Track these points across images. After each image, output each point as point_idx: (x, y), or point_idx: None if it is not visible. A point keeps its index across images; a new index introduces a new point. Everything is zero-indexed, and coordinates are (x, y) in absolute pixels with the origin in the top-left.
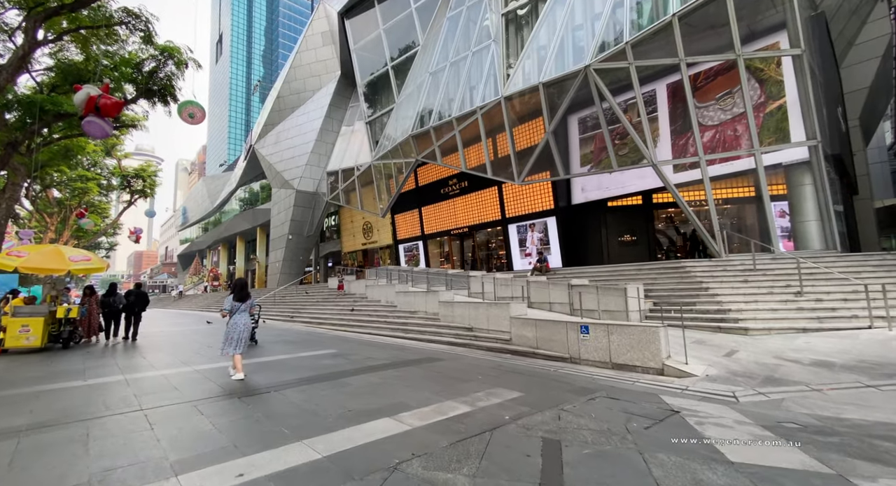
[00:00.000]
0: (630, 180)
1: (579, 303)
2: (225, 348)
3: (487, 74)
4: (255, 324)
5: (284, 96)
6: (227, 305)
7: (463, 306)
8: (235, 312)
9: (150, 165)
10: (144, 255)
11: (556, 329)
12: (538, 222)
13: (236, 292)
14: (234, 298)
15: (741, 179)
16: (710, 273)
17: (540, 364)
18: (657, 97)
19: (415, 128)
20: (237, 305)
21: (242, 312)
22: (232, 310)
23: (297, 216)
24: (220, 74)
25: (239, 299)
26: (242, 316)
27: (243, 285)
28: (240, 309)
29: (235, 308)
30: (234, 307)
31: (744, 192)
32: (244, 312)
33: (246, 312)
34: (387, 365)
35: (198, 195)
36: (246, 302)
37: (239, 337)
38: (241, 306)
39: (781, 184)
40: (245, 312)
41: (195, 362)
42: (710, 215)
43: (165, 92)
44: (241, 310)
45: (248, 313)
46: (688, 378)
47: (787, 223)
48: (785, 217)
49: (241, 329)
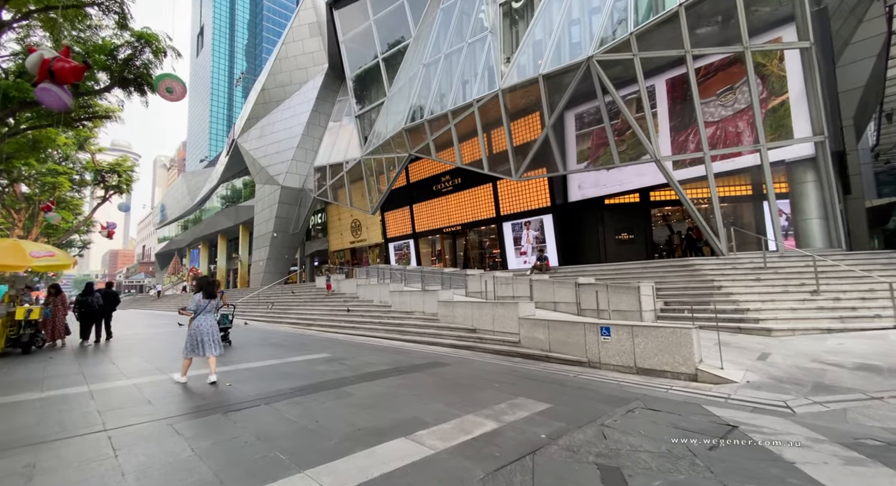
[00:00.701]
0: (629, 178)
1: (595, 302)
2: (191, 350)
3: (484, 67)
4: (229, 325)
5: (269, 89)
6: (193, 304)
7: (465, 305)
8: (201, 312)
9: (127, 159)
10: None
11: (572, 331)
12: (534, 220)
13: (204, 290)
14: (203, 296)
15: (738, 178)
16: (721, 271)
17: (556, 369)
18: (656, 93)
19: (408, 121)
20: (203, 304)
21: (209, 312)
22: (198, 310)
23: (282, 213)
24: (201, 68)
25: (207, 297)
26: (209, 317)
27: (211, 282)
28: (205, 309)
29: (201, 308)
30: (201, 307)
31: (741, 190)
32: (210, 312)
33: (212, 312)
34: (389, 371)
35: (177, 192)
36: (212, 302)
37: (208, 339)
38: (207, 306)
39: (781, 182)
40: (211, 312)
41: (173, 368)
42: (714, 212)
43: (142, 81)
44: (208, 310)
45: (215, 312)
46: (726, 385)
47: (783, 222)
48: (782, 216)
49: (208, 330)
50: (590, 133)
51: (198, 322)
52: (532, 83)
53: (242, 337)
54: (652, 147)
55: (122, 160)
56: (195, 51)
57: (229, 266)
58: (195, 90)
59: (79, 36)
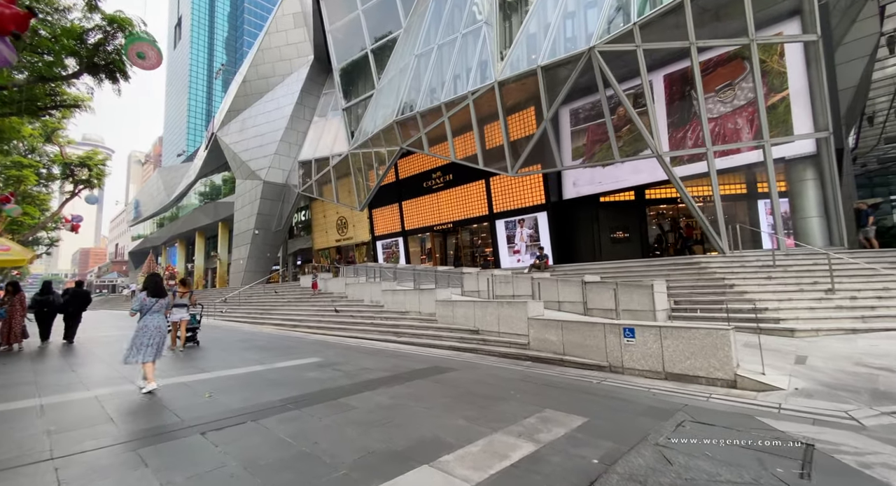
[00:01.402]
0: (625, 175)
1: (603, 301)
2: (131, 354)
3: (479, 58)
4: (197, 325)
5: (251, 81)
6: (137, 303)
7: (466, 305)
8: (147, 312)
9: (98, 153)
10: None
11: (590, 333)
12: (528, 218)
13: (150, 289)
14: (148, 294)
15: (731, 176)
16: (730, 269)
17: (574, 374)
18: (653, 90)
19: (399, 113)
20: (149, 303)
21: (156, 313)
22: (142, 310)
23: (264, 210)
24: (179, 60)
25: (153, 296)
26: (155, 317)
27: (158, 280)
28: (152, 309)
29: (146, 308)
30: (145, 307)
31: (734, 188)
32: (158, 313)
33: (160, 313)
34: (390, 378)
35: (153, 188)
36: (160, 301)
37: (150, 342)
38: (153, 306)
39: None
40: (159, 313)
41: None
42: (716, 209)
43: (114, 67)
44: (155, 310)
45: (164, 314)
46: (773, 393)
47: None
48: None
49: (153, 333)
50: (585, 129)
51: (144, 323)
52: (529, 75)
53: (222, 339)
54: (654, 142)
55: (93, 154)
56: (172, 43)
57: (207, 265)
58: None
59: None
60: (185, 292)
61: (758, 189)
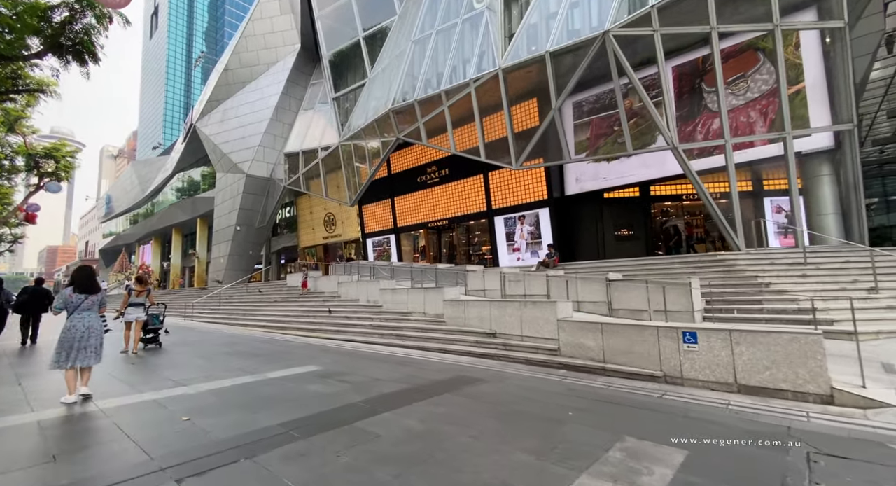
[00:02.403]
0: (631, 170)
1: (632, 301)
2: (60, 360)
3: (482, 43)
4: (159, 326)
5: (233, 69)
6: (60, 301)
7: (480, 306)
8: (74, 310)
9: (66, 144)
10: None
11: (638, 337)
12: (529, 214)
13: (77, 284)
14: (74, 289)
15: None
16: (759, 267)
17: (626, 387)
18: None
19: (395, 101)
20: (76, 300)
21: (87, 310)
22: (67, 307)
23: (246, 205)
24: (156, 51)
25: (82, 291)
26: (87, 317)
27: (89, 274)
28: (80, 306)
29: (73, 305)
30: (71, 304)
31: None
32: (90, 310)
33: (93, 311)
34: (411, 392)
35: (126, 182)
36: (91, 297)
37: (82, 345)
38: (82, 303)
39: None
40: (91, 310)
41: (105, 394)
42: (733, 205)
43: (82, 48)
44: (85, 308)
45: (99, 312)
46: (885, 411)
47: (783, 219)
48: (781, 212)
49: (84, 334)
50: (589, 123)
51: (71, 323)
52: (536, 62)
53: (202, 343)
54: (670, 133)
55: (61, 145)
56: (149, 32)
57: (185, 263)
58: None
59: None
60: (142, 291)
61: (764, 186)
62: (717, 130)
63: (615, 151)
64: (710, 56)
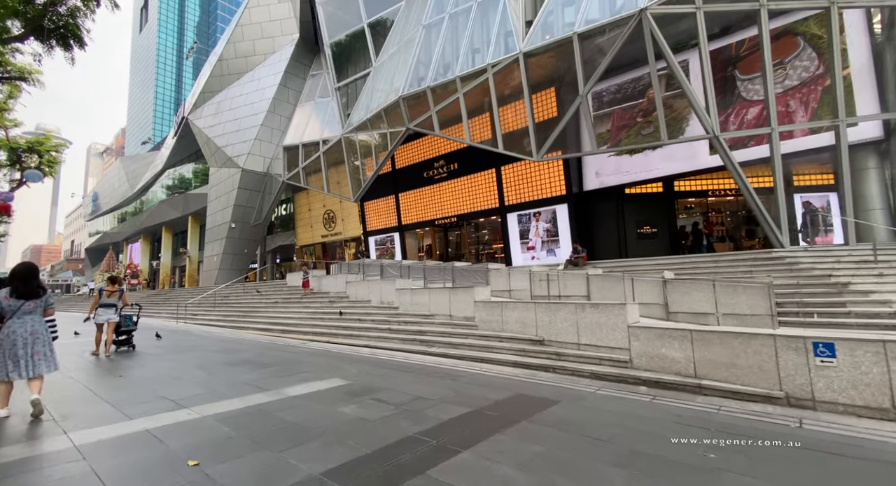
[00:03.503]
0: (655, 163)
1: (693, 304)
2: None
3: (500, 27)
4: (133, 327)
5: (228, 60)
6: None
7: (524, 308)
8: (14, 315)
9: (50, 138)
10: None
11: (744, 348)
12: (545, 211)
13: (13, 287)
14: (11, 293)
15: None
16: (828, 265)
17: (737, 410)
18: (690, 69)
19: (406, 89)
20: (12, 306)
21: (29, 314)
22: (3, 313)
23: (242, 201)
24: (145, 45)
25: (19, 296)
26: (29, 321)
27: (28, 273)
28: (20, 310)
29: (10, 311)
30: (9, 309)
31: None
32: (32, 314)
33: (36, 313)
34: (473, 418)
35: (114, 179)
36: (34, 300)
37: (26, 353)
38: (20, 308)
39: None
40: (34, 313)
41: (82, 419)
42: (778, 200)
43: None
44: (27, 311)
45: (43, 316)
46: None
47: None
48: (814, 208)
49: (26, 341)
50: (610, 114)
51: (10, 329)
52: (562, 45)
53: (198, 349)
54: (711, 121)
55: (45, 139)
56: (138, 26)
57: (175, 263)
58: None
59: None
60: (114, 291)
61: (794, 182)
62: (753, 120)
63: (640, 142)
64: (743, 42)
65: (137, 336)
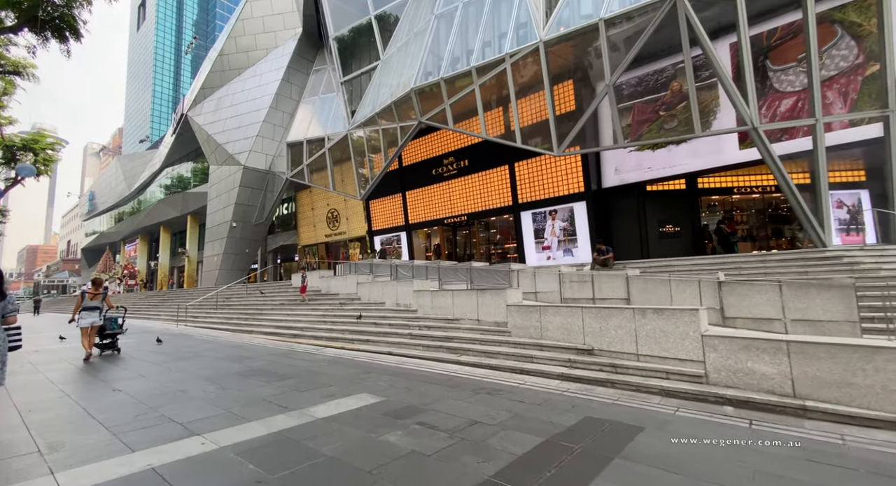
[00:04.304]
0: (679, 159)
1: (754, 309)
2: None
3: (518, 15)
4: (118, 330)
5: (229, 55)
6: None
7: (568, 314)
8: None
9: (46, 135)
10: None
11: (866, 364)
12: (562, 209)
13: None
14: None
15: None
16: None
17: (865, 440)
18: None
19: (418, 81)
20: None
21: None
22: None
23: (243, 199)
24: (143, 43)
25: None
26: None
27: None
28: None
29: None
30: None
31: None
32: None
33: None
34: (553, 453)
35: (110, 178)
36: None
37: None
38: None
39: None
40: None
41: (71, 450)
42: (821, 197)
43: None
44: None
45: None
46: None
47: (844, 215)
48: (843, 207)
49: None
50: (630, 108)
51: None
52: (586, 32)
53: (202, 356)
54: (750, 112)
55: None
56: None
57: (173, 263)
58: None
59: None
60: (97, 294)
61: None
62: (786, 113)
63: (663, 136)
64: (775, 30)
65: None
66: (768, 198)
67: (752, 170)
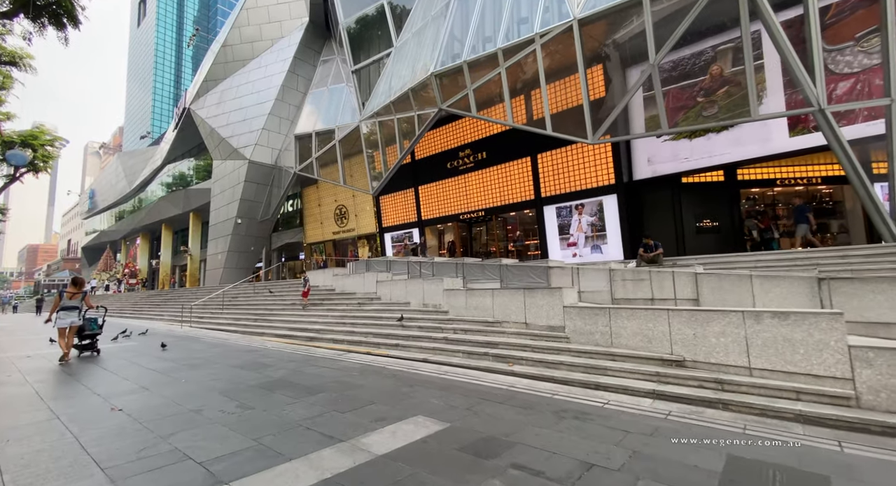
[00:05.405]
0: (721, 148)
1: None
2: None
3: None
4: (97, 331)
5: (233, 46)
6: None
7: (647, 317)
8: None
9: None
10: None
11: None
12: (589, 203)
13: None
14: None
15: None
16: None
17: None
18: (762, 41)
19: (439, 65)
20: None
21: None
22: None
23: (248, 195)
24: (144, 39)
25: None
26: None
27: None
28: None
29: None
30: None
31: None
32: None
33: None
34: None
35: (111, 175)
36: None
37: None
38: None
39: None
40: None
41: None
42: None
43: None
44: None
45: None
46: None
47: None
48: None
49: None
50: (664, 94)
51: None
52: (628, 7)
53: (212, 362)
54: (817, 92)
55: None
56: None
57: (175, 262)
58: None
59: None
60: (76, 293)
61: (872, 170)
62: (843, 96)
63: (706, 121)
64: (828, 8)
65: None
66: (812, 190)
67: (799, 160)
